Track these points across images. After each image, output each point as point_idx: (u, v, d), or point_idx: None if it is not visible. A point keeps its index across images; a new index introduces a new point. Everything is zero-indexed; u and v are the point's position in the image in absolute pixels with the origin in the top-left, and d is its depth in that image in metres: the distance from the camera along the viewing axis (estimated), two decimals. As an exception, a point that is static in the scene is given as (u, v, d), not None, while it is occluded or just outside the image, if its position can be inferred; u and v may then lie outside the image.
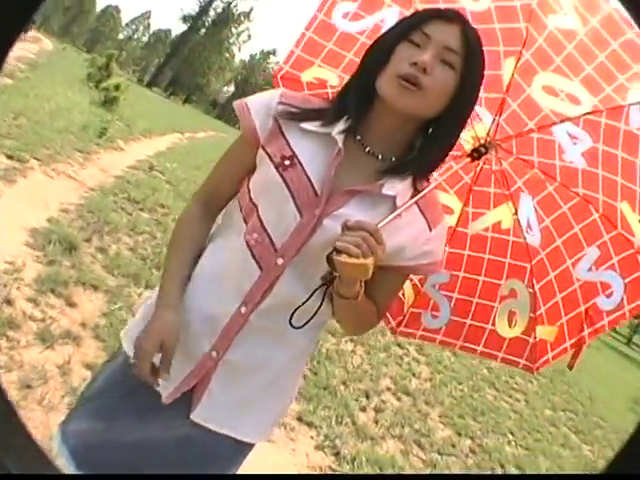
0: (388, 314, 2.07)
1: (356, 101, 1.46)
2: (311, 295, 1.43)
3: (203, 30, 76.06)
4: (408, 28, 1.43)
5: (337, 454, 4.20)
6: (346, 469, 4.06)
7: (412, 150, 1.49)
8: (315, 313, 1.44)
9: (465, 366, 8.03)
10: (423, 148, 1.48)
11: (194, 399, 1.51)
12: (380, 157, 1.47)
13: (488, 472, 5.26)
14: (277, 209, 1.44)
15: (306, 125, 1.46)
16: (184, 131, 23.17)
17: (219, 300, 1.50)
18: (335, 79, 1.90)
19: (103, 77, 18.51)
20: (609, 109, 1.74)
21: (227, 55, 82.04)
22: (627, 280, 1.83)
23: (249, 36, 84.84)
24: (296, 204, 1.42)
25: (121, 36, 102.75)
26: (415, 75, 1.37)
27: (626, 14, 1.76)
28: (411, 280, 2.00)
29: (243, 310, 1.47)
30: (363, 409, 5.18)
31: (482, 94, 1.83)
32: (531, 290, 1.92)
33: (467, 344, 2.03)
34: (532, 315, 1.93)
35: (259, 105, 1.51)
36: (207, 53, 73.64)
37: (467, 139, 1.83)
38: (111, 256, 5.27)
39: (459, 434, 5.76)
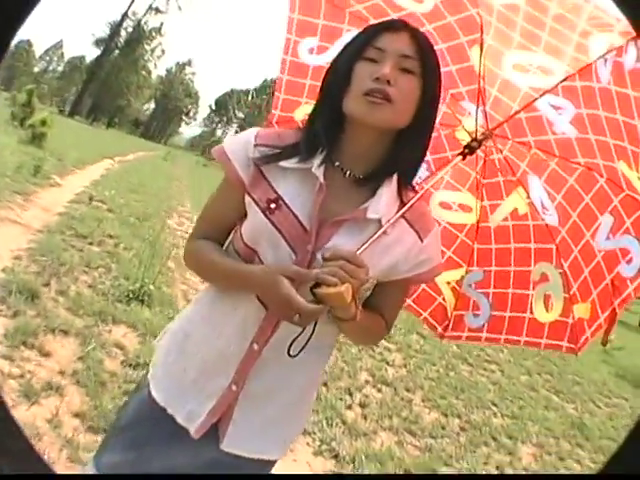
0: (433, 321, 2.11)
1: (326, 128, 1.48)
2: (304, 328, 1.43)
3: (117, 51, 74.95)
4: (361, 46, 1.46)
5: (336, 456, 4.22)
6: (348, 469, 4.09)
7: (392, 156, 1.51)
8: (308, 340, 1.44)
9: (434, 346, 8.08)
10: (398, 157, 1.50)
11: (220, 430, 1.54)
12: (362, 177, 1.49)
13: (483, 447, 5.36)
14: (273, 252, 1.46)
15: (285, 163, 1.47)
16: (114, 156, 22.91)
17: (229, 341, 1.52)
18: None
19: (27, 114, 18.14)
20: (579, 71, 1.77)
21: (144, 73, 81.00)
22: None
23: (163, 51, 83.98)
24: (289, 244, 1.44)
25: (36, 69, 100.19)
26: (381, 89, 1.40)
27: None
28: (449, 284, 2.04)
29: (255, 347, 1.50)
30: (349, 407, 5.20)
31: (462, 88, 1.84)
32: (560, 270, 1.92)
33: (510, 336, 2.03)
34: (566, 295, 1.93)
35: (237, 151, 1.52)
36: (124, 74, 72.56)
37: (463, 137, 1.86)
38: (72, 297, 5.17)
39: (445, 415, 5.83)
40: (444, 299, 2.07)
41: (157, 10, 77.53)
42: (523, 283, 1.98)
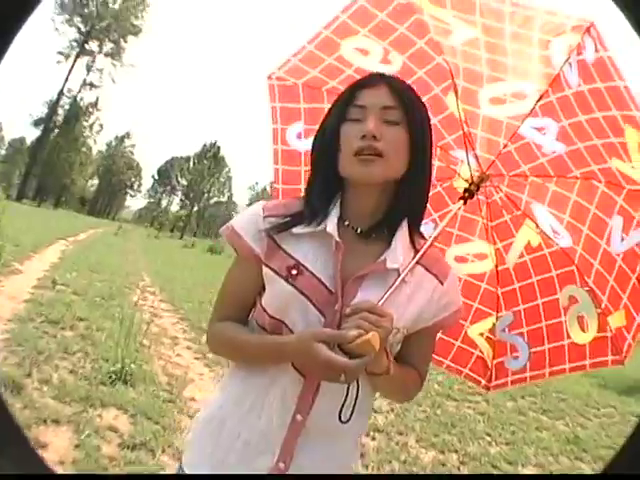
0: (475, 375, 2.08)
1: (326, 193, 1.52)
2: (349, 387, 1.43)
3: (56, 130, 74.54)
4: (343, 108, 1.50)
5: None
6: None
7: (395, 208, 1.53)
8: (356, 400, 1.45)
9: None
10: (400, 207, 1.52)
11: None
12: (370, 231, 1.52)
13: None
14: (302, 318, 1.46)
15: (297, 230, 1.50)
16: (66, 236, 22.71)
17: (270, 417, 1.49)
18: None
19: (-25, 204, 17.82)
20: (550, 84, 1.81)
21: (84, 149, 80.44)
22: None
23: (101, 125, 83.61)
24: (316, 307, 1.45)
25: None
26: (369, 145, 1.43)
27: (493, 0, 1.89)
28: (482, 335, 2.03)
29: (299, 418, 1.48)
30: (348, 458, 5.15)
31: (448, 138, 1.90)
32: (587, 288, 1.92)
33: (554, 368, 2.02)
34: (599, 310, 1.92)
35: (247, 226, 1.54)
36: (65, 153, 71.99)
37: (461, 186, 1.88)
38: (56, 385, 5.11)
39: (442, 452, 5.85)
40: (481, 351, 2.06)
41: (92, 85, 77.54)
42: (554, 312, 1.98)
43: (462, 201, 1.78)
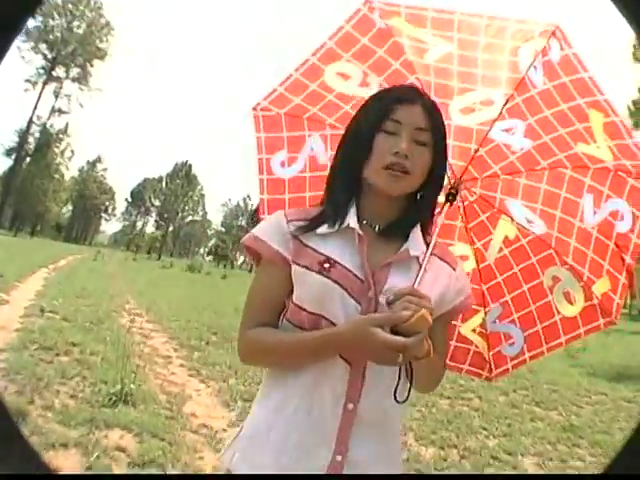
0: (476, 369, 2.17)
1: (349, 196, 1.62)
2: (400, 368, 1.52)
3: (28, 159, 74.11)
4: (379, 119, 1.59)
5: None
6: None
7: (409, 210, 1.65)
8: (411, 378, 1.52)
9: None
10: (420, 210, 1.66)
11: None
12: (390, 232, 1.63)
13: (488, 468, 5.50)
14: (340, 308, 1.53)
15: (322, 230, 1.59)
16: (47, 264, 22.69)
17: (323, 410, 1.54)
18: None
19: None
20: (515, 88, 1.93)
21: (57, 176, 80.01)
22: (627, 199, 1.97)
23: (72, 151, 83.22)
24: (352, 296, 1.53)
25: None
26: (400, 163, 1.54)
27: (465, 11, 2.02)
28: (475, 331, 2.12)
29: (350, 406, 1.53)
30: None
31: None
32: (567, 266, 2.03)
33: (551, 344, 2.11)
34: (582, 283, 2.03)
35: (271, 232, 1.63)
36: (38, 180, 71.61)
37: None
38: (59, 410, 5.18)
39: (442, 448, 5.95)
40: (476, 346, 2.14)
41: (60, 111, 77.29)
42: (540, 294, 2.07)
43: (448, 203, 1.84)
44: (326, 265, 1.55)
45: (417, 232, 1.64)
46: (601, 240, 1.99)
